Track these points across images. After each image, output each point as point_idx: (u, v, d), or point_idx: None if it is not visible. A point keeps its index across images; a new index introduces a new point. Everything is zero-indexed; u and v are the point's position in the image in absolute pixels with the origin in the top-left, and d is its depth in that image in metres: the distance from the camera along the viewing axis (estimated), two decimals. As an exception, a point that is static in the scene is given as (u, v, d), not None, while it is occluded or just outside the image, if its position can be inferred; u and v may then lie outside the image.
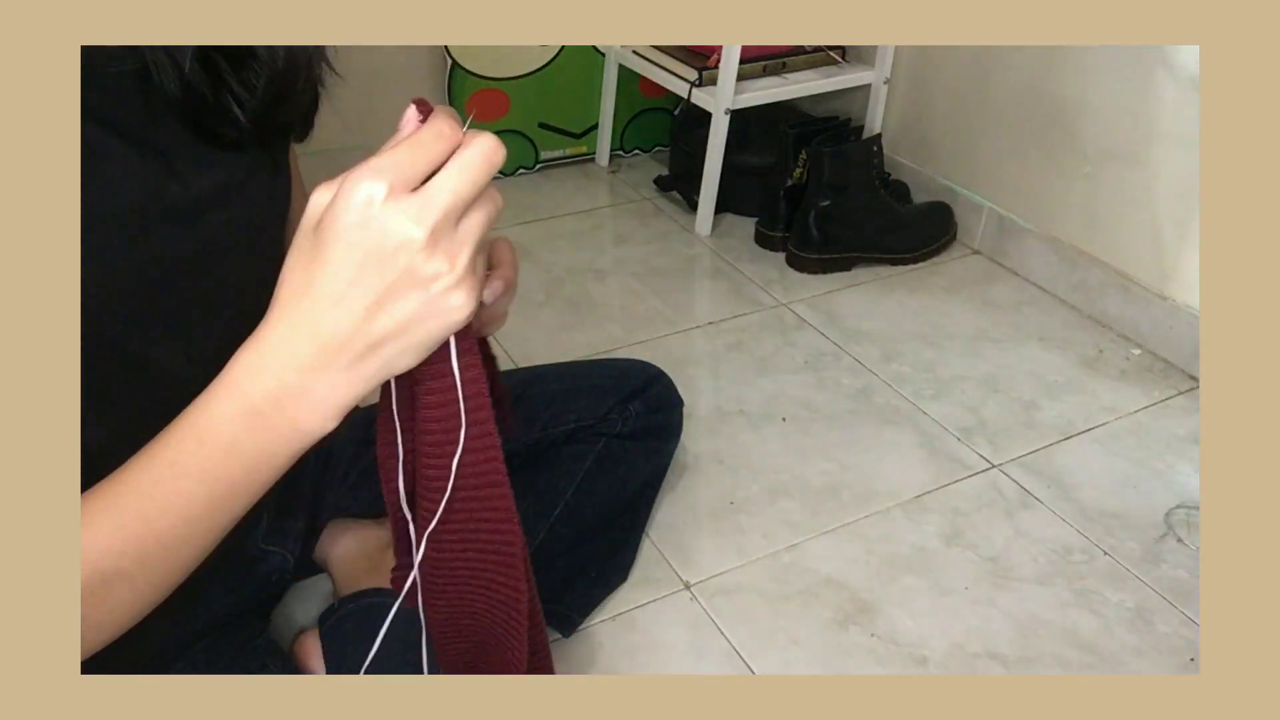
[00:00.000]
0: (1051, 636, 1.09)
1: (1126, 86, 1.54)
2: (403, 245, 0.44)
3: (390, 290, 0.45)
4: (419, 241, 0.44)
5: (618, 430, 1.08)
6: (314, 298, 0.46)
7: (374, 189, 0.43)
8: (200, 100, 0.64)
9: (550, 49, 1.98)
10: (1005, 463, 1.34)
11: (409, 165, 0.44)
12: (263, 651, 0.91)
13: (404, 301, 0.45)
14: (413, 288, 0.45)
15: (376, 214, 0.44)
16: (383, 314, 0.45)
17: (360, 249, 0.44)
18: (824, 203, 1.72)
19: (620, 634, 1.07)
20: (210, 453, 0.49)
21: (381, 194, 0.43)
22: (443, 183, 0.44)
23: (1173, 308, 1.55)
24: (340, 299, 0.45)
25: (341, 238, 0.44)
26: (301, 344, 0.47)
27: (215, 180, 0.70)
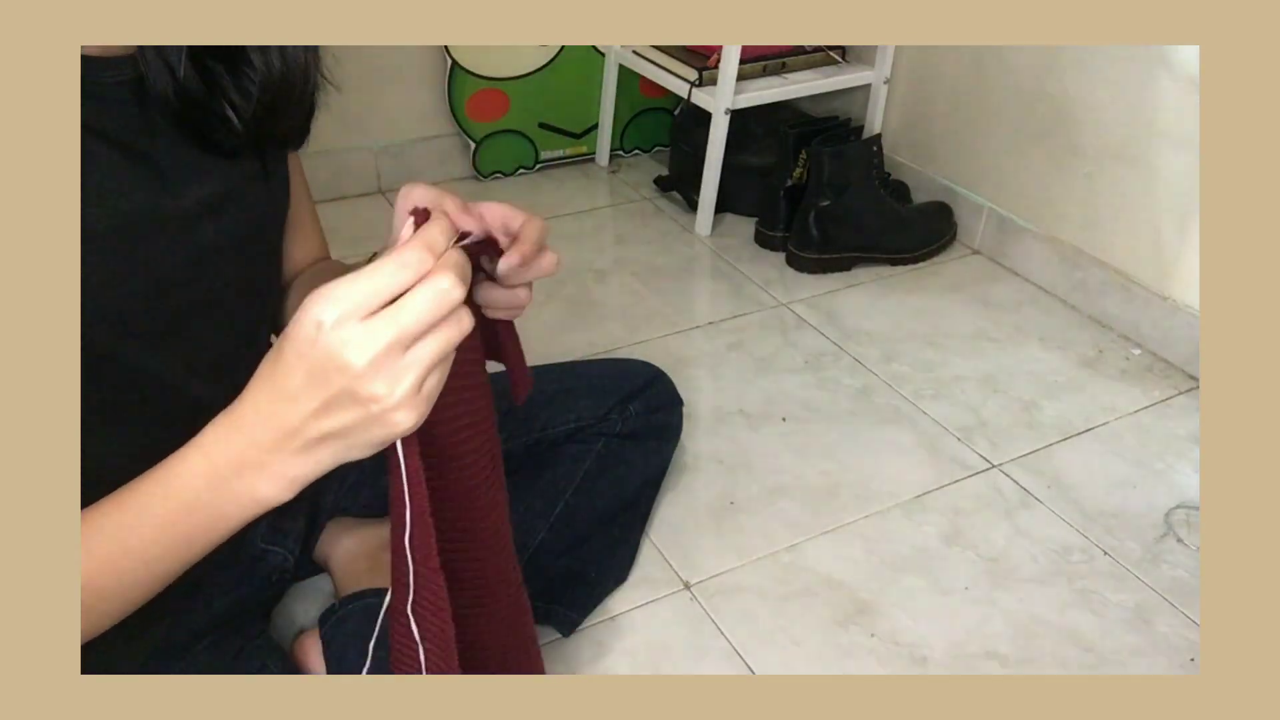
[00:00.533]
0: (1051, 636, 1.09)
1: (1126, 86, 1.54)
2: (340, 369, 0.47)
3: (331, 402, 0.49)
4: (355, 369, 0.47)
5: (617, 430, 1.08)
6: (272, 391, 0.50)
7: (324, 313, 0.47)
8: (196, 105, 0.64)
9: (550, 49, 1.98)
10: (1005, 463, 1.34)
11: (364, 296, 0.47)
12: (263, 651, 0.91)
13: (344, 413, 0.49)
14: (352, 405, 0.49)
15: (323, 337, 0.47)
16: (327, 418, 0.49)
17: (307, 362, 0.48)
18: (824, 203, 1.72)
19: (620, 634, 1.07)
20: (174, 506, 0.54)
21: (330, 320, 0.47)
22: (391, 317, 0.47)
23: (1173, 308, 1.55)
24: (293, 399, 0.49)
25: (294, 349, 0.49)
26: (261, 426, 0.51)
27: (209, 189, 0.69)
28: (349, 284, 0.48)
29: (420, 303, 0.47)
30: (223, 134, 0.67)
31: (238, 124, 0.66)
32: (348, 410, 0.49)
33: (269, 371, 0.51)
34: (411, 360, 0.48)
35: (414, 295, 0.48)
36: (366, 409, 0.49)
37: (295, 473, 0.52)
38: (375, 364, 0.47)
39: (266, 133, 0.70)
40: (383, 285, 0.47)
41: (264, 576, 0.93)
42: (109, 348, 0.65)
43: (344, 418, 0.49)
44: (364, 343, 0.47)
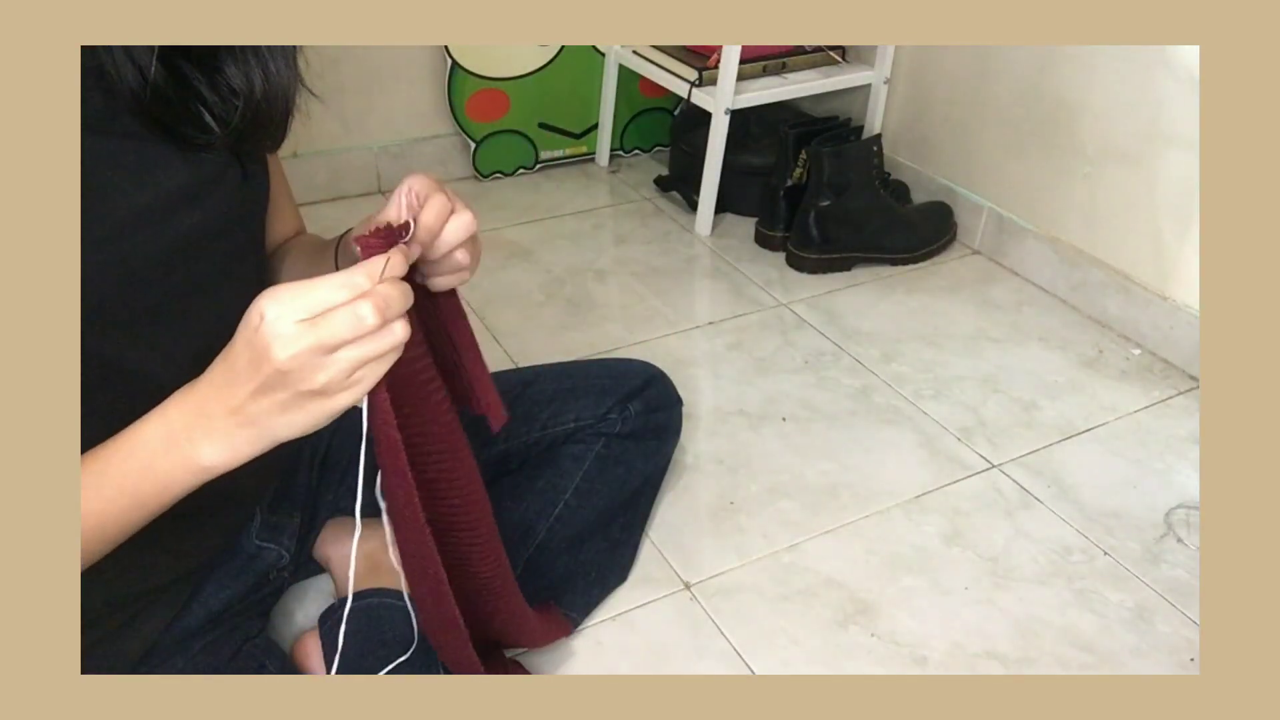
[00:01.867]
0: (1051, 636, 1.09)
1: (1126, 86, 1.54)
2: (268, 359, 0.55)
3: (265, 385, 0.57)
4: (278, 361, 0.55)
5: (617, 430, 1.08)
6: (224, 368, 0.59)
7: (268, 309, 0.55)
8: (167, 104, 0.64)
9: (550, 49, 1.98)
10: (1005, 463, 1.34)
11: (304, 303, 0.55)
12: (262, 651, 0.91)
13: (277, 394, 0.57)
14: (282, 389, 0.57)
15: (262, 328, 0.55)
16: (264, 397, 0.57)
17: (249, 348, 0.56)
18: (824, 203, 1.72)
19: (620, 634, 1.07)
20: (133, 468, 0.60)
21: (271, 316, 0.55)
22: (311, 326, 0.55)
23: (1173, 308, 1.55)
24: (237, 377, 0.57)
25: (242, 335, 0.57)
26: (213, 398, 0.59)
27: (184, 180, 0.69)
28: (296, 289, 0.56)
29: (339, 321, 0.55)
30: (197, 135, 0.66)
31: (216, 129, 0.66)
32: (279, 392, 0.56)
33: (225, 351, 0.59)
34: (334, 360, 0.56)
35: (336, 314, 0.55)
36: (295, 392, 0.56)
37: (239, 442, 0.59)
38: (295, 359, 0.55)
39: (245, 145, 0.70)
40: (322, 298, 0.55)
41: (259, 573, 0.93)
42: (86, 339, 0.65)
43: (278, 398, 0.57)
44: (289, 342, 0.55)
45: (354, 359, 0.56)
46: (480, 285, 1.63)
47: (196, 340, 0.72)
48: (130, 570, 0.78)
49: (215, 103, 0.66)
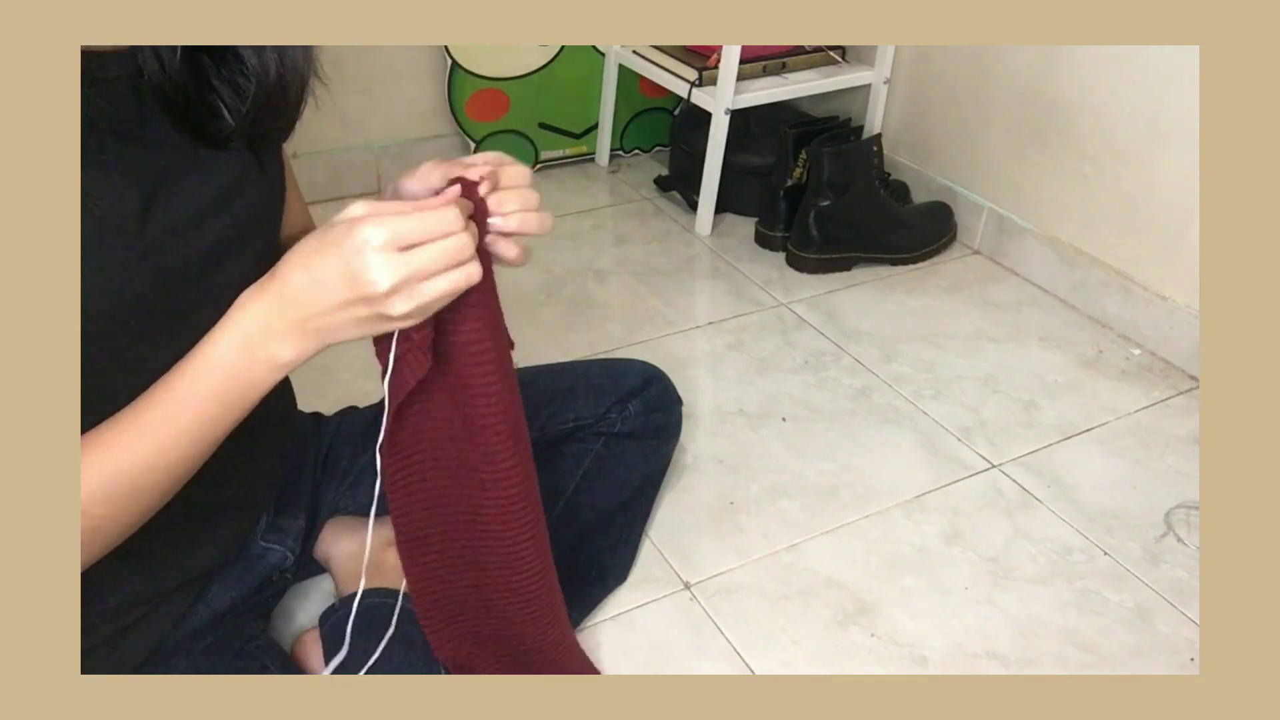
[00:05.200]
0: (1051, 636, 1.09)
1: (1126, 86, 1.54)
2: (370, 283, 0.60)
3: (350, 302, 0.61)
4: (380, 288, 0.60)
5: (617, 430, 1.08)
6: (308, 275, 0.61)
7: (372, 236, 0.59)
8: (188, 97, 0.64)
9: (550, 49, 1.98)
10: (1005, 463, 1.34)
11: (407, 234, 0.60)
12: (263, 651, 0.91)
13: (360, 311, 0.61)
14: (367, 308, 0.61)
15: (364, 254, 0.59)
16: (344, 312, 0.61)
17: (343, 266, 0.60)
18: (824, 203, 1.72)
19: (620, 634, 1.07)
20: (217, 378, 0.63)
21: (376, 242, 0.59)
22: (419, 256, 0.60)
23: (1173, 308, 1.55)
24: (324, 287, 0.61)
25: (338, 252, 0.60)
26: (293, 303, 0.62)
27: (215, 186, 0.70)
28: (399, 218, 0.60)
29: (436, 253, 0.60)
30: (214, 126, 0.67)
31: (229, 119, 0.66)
32: (363, 310, 0.61)
33: (305, 260, 0.61)
34: (422, 289, 0.61)
35: (433, 246, 0.60)
36: (376, 313, 0.61)
37: (310, 345, 0.63)
38: (395, 288, 0.60)
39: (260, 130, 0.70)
40: (420, 228, 0.60)
41: (264, 574, 0.93)
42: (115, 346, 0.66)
43: (358, 313, 0.61)
44: (390, 270, 0.59)
45: (438, 292, 0.61)
46: (480, 285, 1.63)
47: None
48: (141, 572, 0.79)
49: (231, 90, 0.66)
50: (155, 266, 0.66)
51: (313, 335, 0.62)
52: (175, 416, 0.63)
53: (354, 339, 0.63)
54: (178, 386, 0.63)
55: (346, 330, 0.62)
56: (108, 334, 0.65)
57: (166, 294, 0.68)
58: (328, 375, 1.40)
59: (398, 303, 0.60)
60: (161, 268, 0.67)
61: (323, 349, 0.64)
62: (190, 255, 0.69)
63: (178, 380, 0.63)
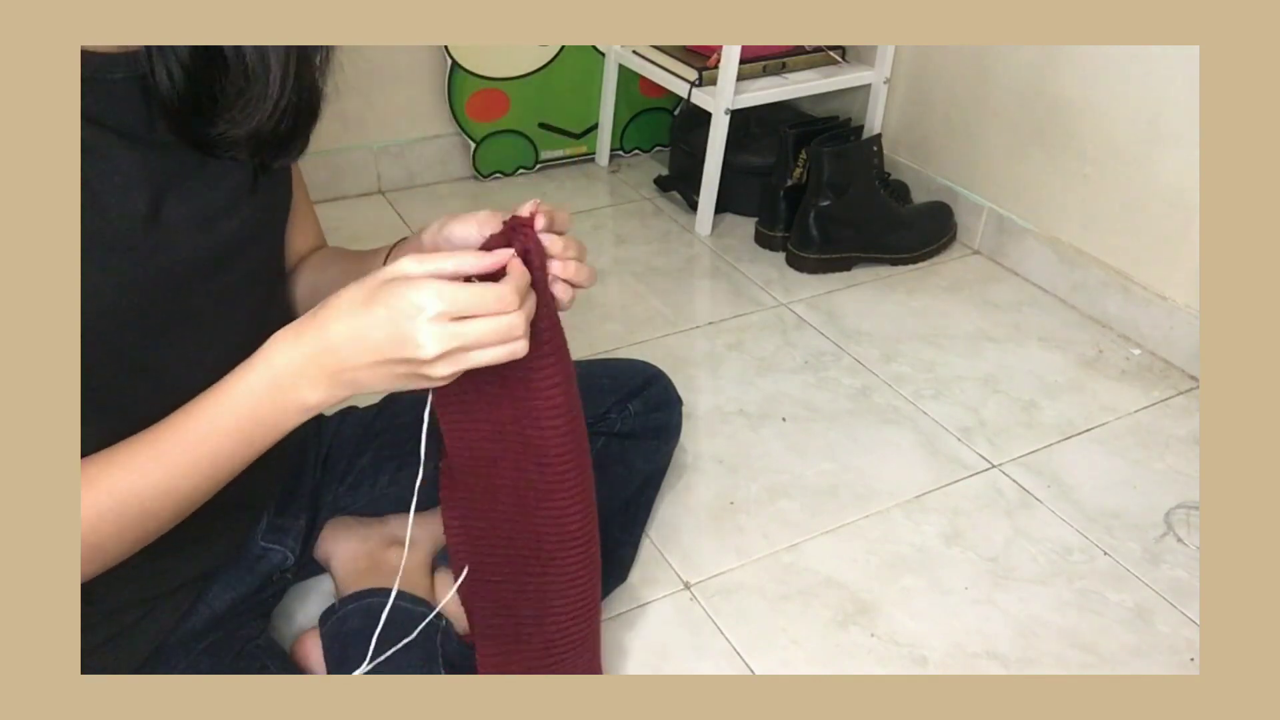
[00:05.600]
0: (1051, 636, 1.09)
1: (1126, 86, 1.54)
2: (417, 347, 0.60)
3: (392, 361, 0.61)
4: (426, 352, 0.60)
5: (617, 429, 1.08)
6: (352, 329, 0.61)
7: (428, 305, 0.60)
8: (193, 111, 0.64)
9: (550, 49, 1.98)
10: (1005, 463, 1.34)
11: (464, 306, 0.60)
12: (263, 652, 0.91)
13: (397, 369, 0.62)
14: (408, 368, 0.62)
15: (416, 320, 0.60)
16: (381, 369, 0.62)
17: (393, 328, 0.60)
18: (824, 203, 1.72)
19: (620, 634, 1.07)
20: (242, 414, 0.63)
21: (431, 312, 0.60)
22: (472, 330, 0.60)
23: (1173, 308, 1.55)
24: (367, 344, 0.61)
25: (388, 310, 0.60)
26: (330, 353, 0.62)
27: (223, 189, 0.70)
28: (457, 289, 0.60)
29: (487, 330, 0.61)
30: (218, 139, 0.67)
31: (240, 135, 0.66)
32: (402, 369, 0.61)
33: (350, 311, 0.61)
34: (467, 358, 0.61)
35: (491, 322, 0.61)
36: (417, 373, 0.62)
37: (340, 392, 0.63)
38: (441, 356, 0.60)
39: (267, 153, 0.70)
40: (479, 303, 0.60)
41: (264, 574, 0.93)
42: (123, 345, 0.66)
43: (397, 371, 0.62)
44: (440, 340, 0.60)
45: (481, 363, 0.62)
46: (480, 285, 1.63)
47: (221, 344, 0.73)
48: (143, 573, 0.79)
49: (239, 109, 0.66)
50: (162, 268, 0.66)
51: (345, 385, 0.63)
52: (193, 446, 0.63)
53: (385, 391, 0.64)
54: (199, 417, 0.63)
55: (380, 384, 0.63)
56: (114, 334, 0.65)
57: (173, 295, 0.68)
58: (328, 375, 1.40)
59: (440, 367, 0.61)
60: (169, 269, 0.67)
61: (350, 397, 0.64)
62: (198, 257, 0.69)
63: (200, 410, 0.63)
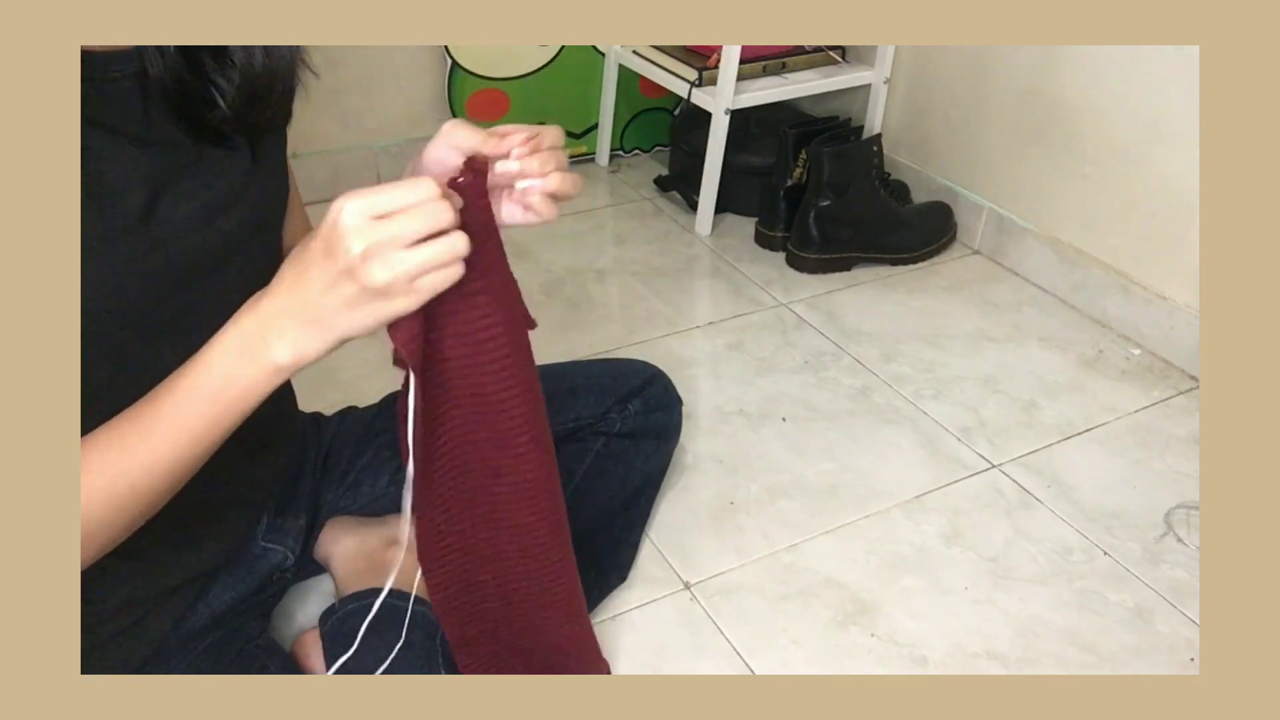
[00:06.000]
0: (1051, 636, 1.09)
1: (1127, 86, 1.54)
2: (345, 250, 0.58)
3: (336, 279, 0.59)
4: (353, 253, 0.58)
5: (617, 429, 1.08)
6: (295, 267, 0.61)
7: (346, 208, 0.58)
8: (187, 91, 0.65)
9: (550, 49, 1.98)
10: (1005, 463, 1.34)
11: (381, 205, 0.58)
12: (263, 652, 0.91)
13: (342, 287, 0.59)
14: (347, 283, 0.59)
15: (337, 224, 0.58)
16: (332, 292, 0.59)
17: (323, 243, 0.59)
18: (824, 203, 1.72)
19: (620, 634, 1.07)
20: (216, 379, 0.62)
21: (349, 213, 0.58)
22: (394, 221, 0.58)
23: (1173, 308, 1.55)
24: (308, 273, 0.60)
25: (318, 234, 0.59)
26: (283, 296, 0.61)
27: (220, 187, 0.70)
28: (374, 191, 0.58)
29: (411, 218, 0.58)
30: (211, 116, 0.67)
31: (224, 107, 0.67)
32: (347, 286, 0.59)
33: (297, 254, 0.61)
34: (405, 256, 0.58)
35: (409, 212, 0.58)
36: (361, 288, 0.58)
37: (307, 339, 0.61)
38: (368, 253, 0.57)
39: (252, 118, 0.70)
40: (397, 198, 0.58)
41: (264, 574, 0.93)
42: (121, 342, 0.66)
43: (345, 292, 0.59)
44: (363, 234, 0.58)
45: (420, 261, 0.59)
46: (480, 285, 1.63)
47: None
48: (143, 573, 0.79)
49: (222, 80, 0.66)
50: (160, 266, 0.66)
51: (309, 329, 0.61)
52: (172, 418, 0.62)
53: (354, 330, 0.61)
54: (176, 390, 0.63)
55: (339, 316, 0.60)
56: (113, 333, 0.65)
57: (172, 294, 0.68)
58: (328, 375, 1.40)
59: (375, 270, 0.58)
60: (166, 267, 0.67)
61: (326, 349, 0.62)
62: (195, 255, 0.69)
63: (177, 383, 0.63)
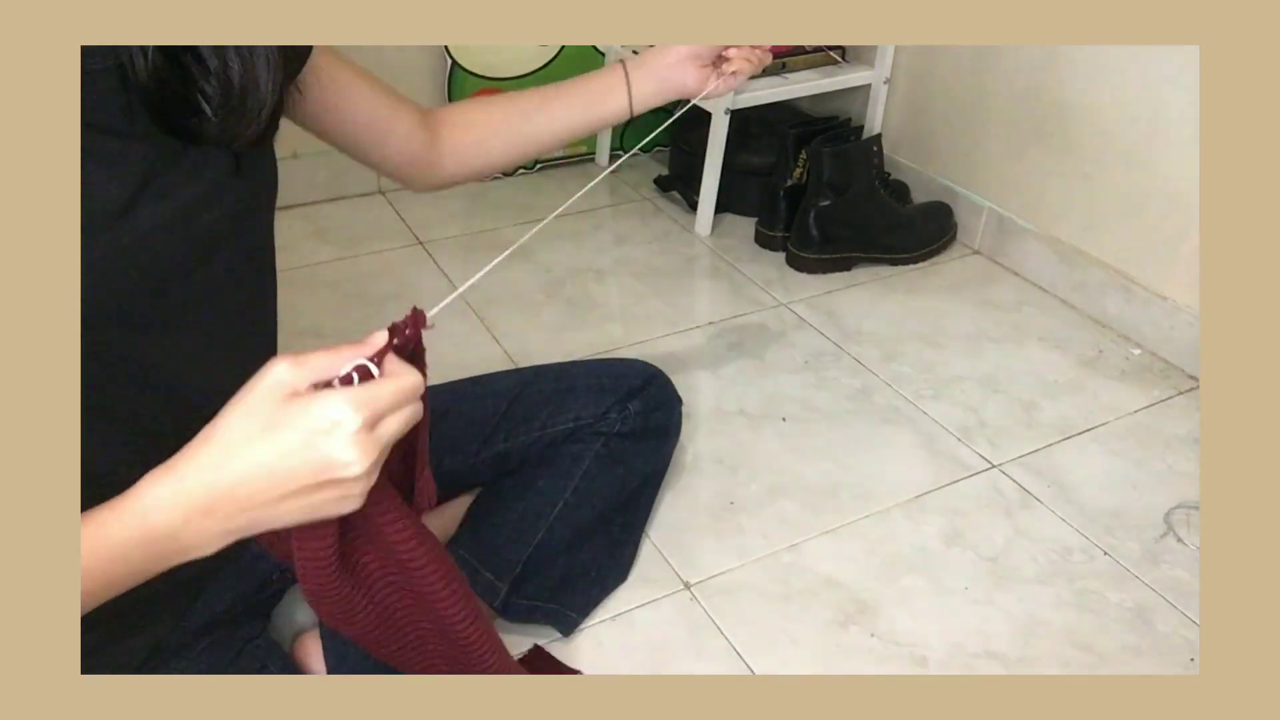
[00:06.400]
0: (1051, 636, 1.09)
1: (1126, 86, 1.54)
2: (344, 468, 0.53)
3: (312, 489, 0.54)
4: (358, 470, 0.53)
5: (616, 429, 1.08)
6: (251, 463, 0.53)
7: (347, 419, 0.52)
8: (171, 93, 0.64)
9: (550, 49, 1.98)
10: (1005, 463, 1.34)
11: (371, 410, 0.53)
12: (263, 652, 0.91)
13: (319, 495, 0.54)
14: (334, 492, 0.54)
15: (336, 437, 0.52)
16: (295, 501, 0.54)
17: (310, 450, 0.52)
18: (824, 203, 1.72)
19: (620, 634, 1.07)
20: (101, 563, 0.55)
21: (354, 425, 0.52)
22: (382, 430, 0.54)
23: (1173, 308, 1.55)
24: (272, 474, 0.53)
25: (301, 433, 0.52)
26: (217, 498, 0.54)
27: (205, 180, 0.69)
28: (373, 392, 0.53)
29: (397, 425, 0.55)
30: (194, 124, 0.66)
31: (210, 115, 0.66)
32: (327, 494, 0.54)
33: (251, 441, 0.53)
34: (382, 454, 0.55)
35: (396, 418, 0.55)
36: (344, 495, 0.55)
37: (233, 539, 0.55)
38: (367, 471, 0.54)
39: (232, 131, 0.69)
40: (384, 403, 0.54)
41: (263, 575, 0.93)
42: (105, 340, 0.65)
43: (316, 500, 0.54)
44: (370, 449, 0.53)
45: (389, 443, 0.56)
46: (480, 285, 1.63)
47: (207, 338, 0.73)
48: None
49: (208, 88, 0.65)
50: (143, 261, 0.65)
51: (240, 530, 0.55)
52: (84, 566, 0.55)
53: (285, 527, 0.57)
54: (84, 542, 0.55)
55: (287, 519, 0.55)
56: (95, 329, 0.64)
57: (155, 289, 0.67)
58: (328, 375, 1.40)
59: (368, 479, 0.55)
60: (149, 262, 0.66)
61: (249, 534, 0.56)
62: (179, 250, 0.68)
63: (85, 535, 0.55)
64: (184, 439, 0.72)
